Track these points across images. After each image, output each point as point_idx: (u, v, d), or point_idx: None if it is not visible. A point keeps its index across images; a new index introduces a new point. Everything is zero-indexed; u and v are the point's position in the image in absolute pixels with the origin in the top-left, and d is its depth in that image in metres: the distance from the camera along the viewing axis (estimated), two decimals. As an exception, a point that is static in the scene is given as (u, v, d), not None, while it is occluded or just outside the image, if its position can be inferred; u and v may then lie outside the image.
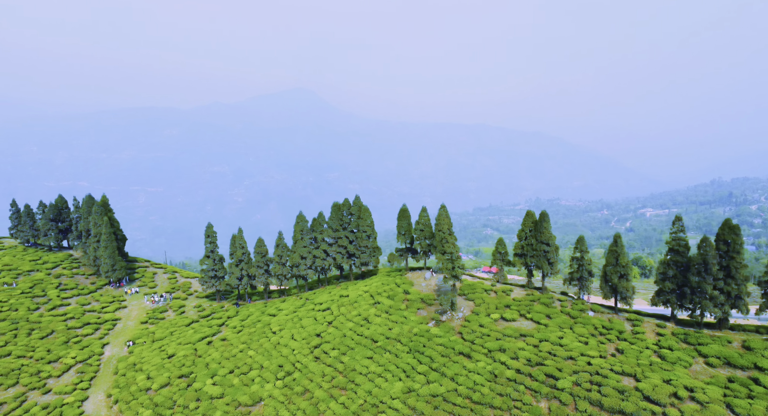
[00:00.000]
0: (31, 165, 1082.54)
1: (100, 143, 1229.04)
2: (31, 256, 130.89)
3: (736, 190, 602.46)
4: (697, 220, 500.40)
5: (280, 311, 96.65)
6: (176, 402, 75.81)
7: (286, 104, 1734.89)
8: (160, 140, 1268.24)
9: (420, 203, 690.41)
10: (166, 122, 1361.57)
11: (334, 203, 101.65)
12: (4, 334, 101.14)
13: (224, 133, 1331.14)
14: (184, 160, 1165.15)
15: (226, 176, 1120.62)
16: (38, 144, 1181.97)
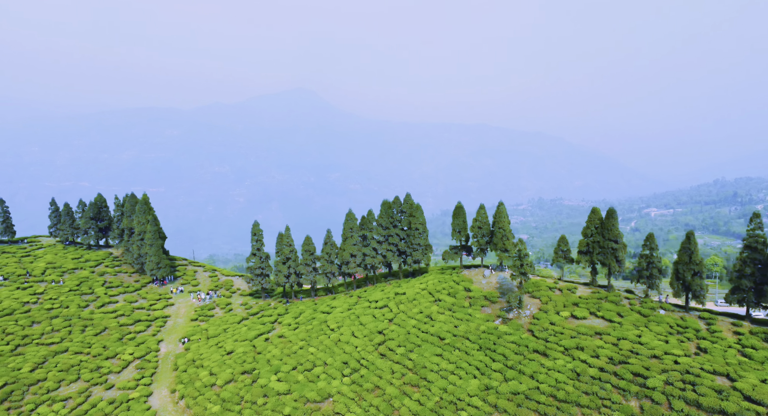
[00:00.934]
0: (32, 165, 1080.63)
1: (102, 143, 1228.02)
2: (73, 254, 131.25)
3: (740, 190, 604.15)
4: (703, 220, 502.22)
5: (333, 308, 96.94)
6: (243, 397, 76.02)
7: (287, 104, 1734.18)
8: (162, 140, 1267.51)
9: (422, 203, 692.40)
10: (168, 122, 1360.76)
11: (383, 201, 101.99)
12: (59, 331, 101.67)
13: (225, 133, 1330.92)
14: (185, 160, 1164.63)
15: (227, 176, 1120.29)
16: (39, 144, 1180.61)
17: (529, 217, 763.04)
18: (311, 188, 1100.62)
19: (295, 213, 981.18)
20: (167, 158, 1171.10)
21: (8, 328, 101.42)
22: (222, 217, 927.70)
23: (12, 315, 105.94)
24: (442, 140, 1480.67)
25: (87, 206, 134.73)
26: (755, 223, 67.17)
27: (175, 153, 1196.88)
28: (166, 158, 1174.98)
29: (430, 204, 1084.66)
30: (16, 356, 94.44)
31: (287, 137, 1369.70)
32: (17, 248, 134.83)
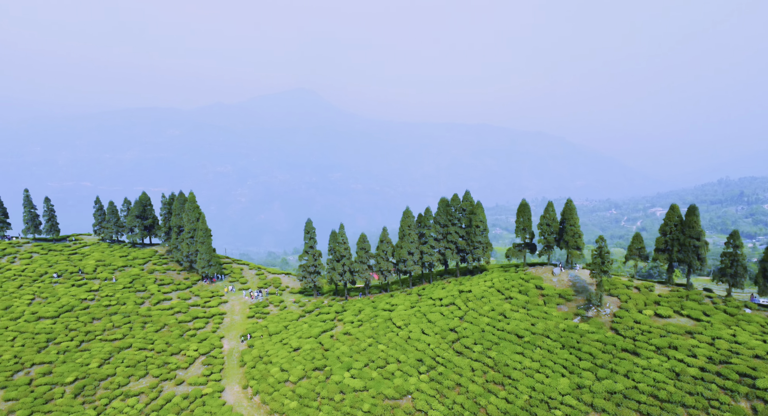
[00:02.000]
0: (34, 165, 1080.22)
1: (103, 143, 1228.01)
2: (119, 252, 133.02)
3: (746, 189, 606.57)
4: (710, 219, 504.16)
5: (394, 306, 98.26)
6: (320, 394, 77.22)
7: (288, 104, 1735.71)
8: (163, 140, 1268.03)
9: (424, 203, 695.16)
10: (169, 122, 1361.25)
11: (441, 199, 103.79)
12: (120, 327, 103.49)
13: (227, 133, 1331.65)
14: (187, 160, 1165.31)
15: (229, 176, 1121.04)
16: (41, 144, 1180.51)
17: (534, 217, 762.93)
18: (313, 188, 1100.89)
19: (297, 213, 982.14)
20: (169, 158, 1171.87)
21: (70, 324, 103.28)
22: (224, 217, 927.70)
23: (72, 311, 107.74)
24: (444, 140, 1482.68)
25: (132, 205, 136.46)
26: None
27: (176, 153, 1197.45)
28: (167, 158, 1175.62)
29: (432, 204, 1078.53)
30: (82, 351, 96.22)
31: (288, 137, 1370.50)
32: (63, 246, 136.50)
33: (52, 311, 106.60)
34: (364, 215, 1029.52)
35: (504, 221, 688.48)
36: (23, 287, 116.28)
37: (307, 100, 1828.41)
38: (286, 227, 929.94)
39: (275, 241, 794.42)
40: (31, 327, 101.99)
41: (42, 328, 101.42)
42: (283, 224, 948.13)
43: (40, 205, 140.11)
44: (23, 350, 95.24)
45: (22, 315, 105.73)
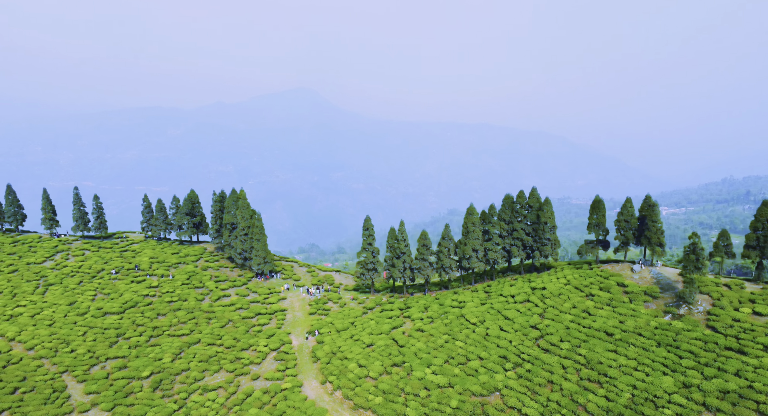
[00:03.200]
0: (36, 165, 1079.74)
1: (105, 143, 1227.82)
2: (170, 249, 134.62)
3: (752, 188, 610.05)
4: (717, 219, 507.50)
5: (461, 303, 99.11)
6: (404, 389, 77.90)
7: (289, 103, 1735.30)
8: (165, 139, 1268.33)
9: (425, 202, 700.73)
10: (170, 122, 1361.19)
11: (506, 196, 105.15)
12: (185, 323, 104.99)
13: (228, 133, 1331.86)
14: (188, 159, 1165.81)
15: (230, 175, 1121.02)
16: (43, 144, 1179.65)
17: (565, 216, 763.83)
18: (315, 188, 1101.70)
19: (299, 212, 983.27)
20: (171, 158, 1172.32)
21: (137, 320, 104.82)
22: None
23: (136, 307, 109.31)
24: (445, 139, 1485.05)
25: (182, 202, 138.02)
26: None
27: (178, 153, 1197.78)
28: (169, 157, 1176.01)
29: (434, 203, 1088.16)
30: (152, 346, 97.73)
31: (290, 137, 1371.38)
32: (111, 244, 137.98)
33: (116, 306, 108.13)
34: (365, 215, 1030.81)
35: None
36: (83, 283, 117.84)
37: (308, 99, 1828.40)
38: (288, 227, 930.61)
39: (277, 240, 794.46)
40: (99, 322, 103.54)
41: (110, 323, 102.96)
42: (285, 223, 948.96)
43: (61, 204, 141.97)
44: (96, 344, 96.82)
45: (88, 311, 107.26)
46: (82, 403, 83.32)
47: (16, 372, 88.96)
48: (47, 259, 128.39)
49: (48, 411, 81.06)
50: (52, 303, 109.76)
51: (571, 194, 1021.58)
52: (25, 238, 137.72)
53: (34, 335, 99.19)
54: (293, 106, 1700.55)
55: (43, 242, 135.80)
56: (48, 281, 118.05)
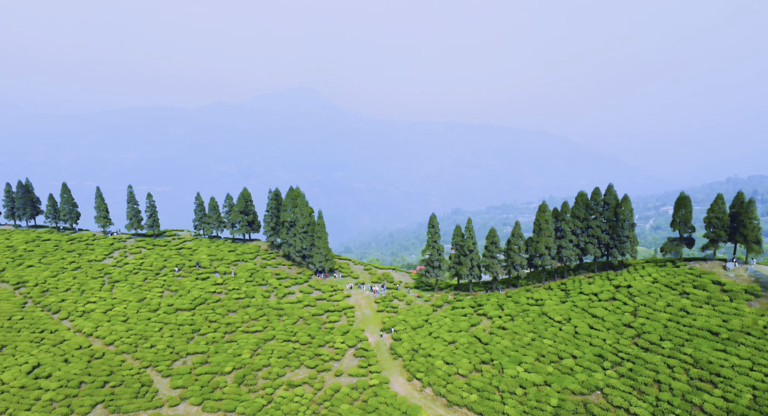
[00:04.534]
0: (38, 165, 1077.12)
1: (106, 142, 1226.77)
2: (226, 247, 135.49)
3: (759, 187, 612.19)
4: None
5: (537, 301, 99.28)
6: (498, 387, 78.34)
7: (290, 103, 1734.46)
8: (166, 139, 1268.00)
9: (427, 202, 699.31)
10: (172, 121, 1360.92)
11: (580, 193, 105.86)
12: (257, 319, 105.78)
13: (230, 132, 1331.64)
14: (190, 159, 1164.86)
15: (232, 175, 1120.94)
16: (44, 144, 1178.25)
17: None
18: (317, 187, 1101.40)
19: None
20: (172, 157, 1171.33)
21: (209, 316, 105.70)
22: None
23: (206, 304, 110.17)
24: (446, 139, 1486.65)
25: (235, 201, 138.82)
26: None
27: (180, 152, 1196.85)
28: (171, 157, 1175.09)
29: (435, 203, 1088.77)
30: (229, 343, 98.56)
31: (291, 136, 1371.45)
32: (165, 242, 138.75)
33: (187, 303, 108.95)
34: (367, 214, 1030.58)
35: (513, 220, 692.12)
36: (148, 280, 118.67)
37: (309, 99, 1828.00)
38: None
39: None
40: (173, 318, 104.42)
41: (183, 320, 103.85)
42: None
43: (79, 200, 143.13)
44: (173, 340, 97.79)
45: (159, 307, 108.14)
46: (171, 397, 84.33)
47: (102, 367, 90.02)
48: (106, 256, 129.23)
49: (140, 404, 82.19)
50: (122, 300, 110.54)
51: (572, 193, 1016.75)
52: (80, 236, 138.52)
53: (111, 331, 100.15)
54: (294, 105, 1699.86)
55: (99, 240, 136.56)
56: (113, 278, 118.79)
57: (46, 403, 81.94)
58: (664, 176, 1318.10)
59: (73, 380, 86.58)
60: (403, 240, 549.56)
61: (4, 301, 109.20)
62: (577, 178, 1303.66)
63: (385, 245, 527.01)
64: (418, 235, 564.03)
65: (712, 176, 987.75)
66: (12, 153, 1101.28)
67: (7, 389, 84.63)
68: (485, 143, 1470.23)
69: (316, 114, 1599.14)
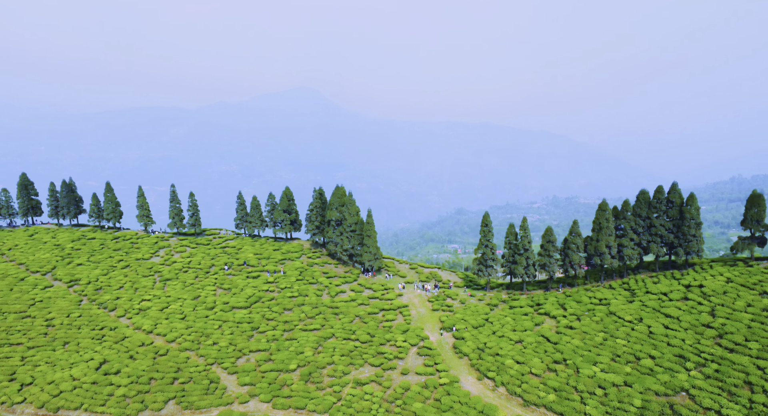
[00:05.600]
0: (39, 165, 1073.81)
1: (107, 142, 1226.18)
2: (269, 246, 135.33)
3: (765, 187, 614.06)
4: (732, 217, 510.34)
5: (602, 300, 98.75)
6: (576, 387, 77.65)
7: (290, 103, 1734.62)
8: (167, 139, 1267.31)
9: (428, 201, 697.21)
10: (173, 121, 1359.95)
11: (641, 191, 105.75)
12: (314, 318, 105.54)
13: (231, 132, 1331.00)
14: (191, 159, 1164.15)
15: (234, 175, 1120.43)
16: (46, 144, 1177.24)
17: (545, 215, 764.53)
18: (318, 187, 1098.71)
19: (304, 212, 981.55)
20: (173, 157, 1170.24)
21: (266, 314, 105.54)
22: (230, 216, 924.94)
23: (261, 302, 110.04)
24: (447, 139, 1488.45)
25: (277, 200, 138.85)
26: None
27: (181, 152, 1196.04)
28: (172, 156, 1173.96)
29: (437, 203, 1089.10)
30: (289, 340, 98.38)
31: (292, 136, 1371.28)
32: (207, 240, 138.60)
33: (242, 301, 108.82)
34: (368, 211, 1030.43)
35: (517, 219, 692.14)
36: (200, 278, 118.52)
37: (309, 99, 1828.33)
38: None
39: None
40: (230, 316, 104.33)
41: (241, 318, 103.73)
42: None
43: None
44: (235, 338, 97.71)
45: (215, 305, 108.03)
46: (240, 394, 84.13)
47: (168, 364, 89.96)
48: (153, 255, 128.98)
49: (211, 401, 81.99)
50: (176, 298, 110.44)
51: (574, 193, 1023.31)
52: (124, 234, 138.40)
53: (171, 328, 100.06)
54: (294, 105, 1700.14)
55: (143, 239, 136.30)
56: (164, 277, 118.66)
57: (120, 399, 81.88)
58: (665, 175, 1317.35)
59: (143, 376, 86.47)
60: (407, 240, 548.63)
61: (61, 299, 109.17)
62: (579, 178, 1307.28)
63: (390, 245, 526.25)
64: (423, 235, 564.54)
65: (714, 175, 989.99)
66: (14, 153, 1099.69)
67: (79, 384, 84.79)
68: (486, 143, 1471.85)
69: (316, 114, 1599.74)
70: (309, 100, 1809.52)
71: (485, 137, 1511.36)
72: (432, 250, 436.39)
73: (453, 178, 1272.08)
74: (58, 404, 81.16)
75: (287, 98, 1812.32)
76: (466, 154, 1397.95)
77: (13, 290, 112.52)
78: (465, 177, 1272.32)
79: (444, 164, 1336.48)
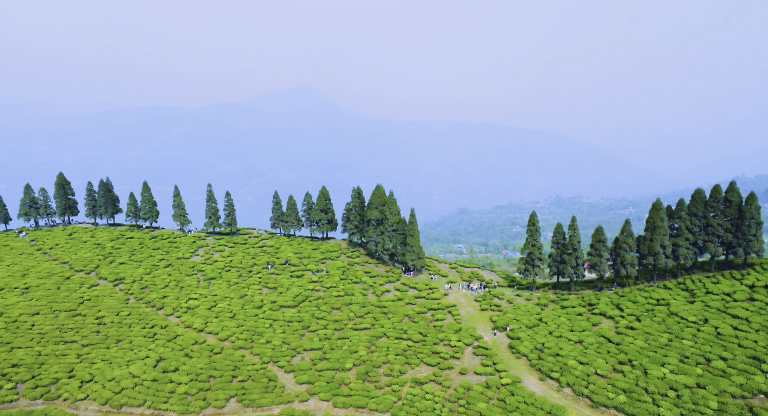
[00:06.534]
0: (41, 165, 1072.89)
1: (109, 142, 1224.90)
2: (307, 245, 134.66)
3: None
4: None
5: (659, 300, 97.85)
6: (647, 389, 76.49)
7: (291, 103, 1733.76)
8: (169, 139, 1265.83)
9: (430, 201, 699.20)
10: (174, 121, 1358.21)
11: (697, 190, 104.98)
12: (363, 317, 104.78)
13: (232, 132, 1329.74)
14: (193, 159, 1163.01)
15: (236, 175, 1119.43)
16: (48, 144, 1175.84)
17: (549, 215, 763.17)
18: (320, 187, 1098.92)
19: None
20: (175, 157, 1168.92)
21: (315, 313, 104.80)
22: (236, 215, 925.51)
23: (308, 301, 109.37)
24: (448, 139, 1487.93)
25: (314, 200, 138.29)
26: None
27: (182, 152, 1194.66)
28: (174, 156, 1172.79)
29: (438, 203, 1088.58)
30: (341, 340, 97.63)
31: (293, 136, 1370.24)
32: (243, 240, 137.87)
33: (290, 300, 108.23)
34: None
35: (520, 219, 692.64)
36: (243, 277, 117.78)
37: (310, 99, 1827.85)
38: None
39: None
40: (279, 315, 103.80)
41: (291, 316, 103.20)
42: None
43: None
44: (287, 337, 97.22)
45: (263, 304, 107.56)
46: (300, 392, 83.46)
47: (225, 362, 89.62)
48: (192, 254, 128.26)
49: (272, 399, 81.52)
50: (223, 296, 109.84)
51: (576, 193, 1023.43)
52: (161, 234, 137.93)
53: (222, 326, 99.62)
54: (295, 105, 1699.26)
55: (181, 238, 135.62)
56: (207, 276, 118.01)
57: (182, 396, 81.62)
58: (666, 175, 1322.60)
59: (202, 374, 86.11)
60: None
61: (108, 297, 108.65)
62: (580, 177, 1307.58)
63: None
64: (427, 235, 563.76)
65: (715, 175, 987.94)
66: (15, 153, 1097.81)
67: (139, 382, 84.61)
68: (487, 143, 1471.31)
69: (317, 114, 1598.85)
70: (310, 100, 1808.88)
71: (486, 137, 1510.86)
72: (438, 250, 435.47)
73: (454, 178, 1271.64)
74: (121, 401, 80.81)
75: (288, 98, 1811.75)
76: (467, 154, 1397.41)
77: (61, 288, 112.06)
78: (466, 177, 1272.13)
79: (445, 164, 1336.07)
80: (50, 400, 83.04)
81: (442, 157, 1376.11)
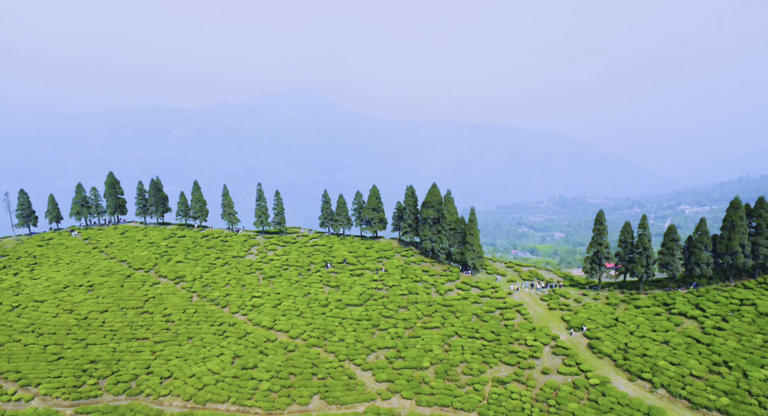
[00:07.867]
0: (42, 165, 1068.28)
1: (111, 142, 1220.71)
2: (359, 244, 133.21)
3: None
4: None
5: (742, 300, 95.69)
6: (750, 391, 74.43)
7: (292, 103, 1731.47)
8: (170, 139, 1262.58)
9: None
10: (176, 121, 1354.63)
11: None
12: (430, 316, 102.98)
13: (233, 132, 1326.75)
14: (194, 159, 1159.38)
15: (238, 174, 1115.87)
16: (49, 144, 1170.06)
17: (553, 215, 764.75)
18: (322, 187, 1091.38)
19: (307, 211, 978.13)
20: (177, 157, 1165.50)
21: (383, 312, 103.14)
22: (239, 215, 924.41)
23: (373, 300, 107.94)
24: (449, 139, 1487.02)
25: (365, 199, 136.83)
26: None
27: (184, 152, 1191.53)
28: (175, 156, 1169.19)
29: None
30: (413, 338, 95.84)
31: (294, 136, 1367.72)
32: (292, 239, 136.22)
33: (354, 299, 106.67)
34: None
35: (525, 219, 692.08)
36: (303, 275, 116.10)
37: (311, 99, 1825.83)
38: (298, 225, 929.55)
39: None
40: (347, 313, 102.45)
41: (359, 315, 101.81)
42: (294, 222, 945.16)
43: None
44: (359, 335, 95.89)
45: (328, 302, 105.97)
46: (381, 390, 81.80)
47: (302, 359, 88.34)
48: (246, 253, 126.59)
49: (356, 397, 79.94)
50: (286, 295, 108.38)
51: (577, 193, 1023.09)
52: (211, 232, 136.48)
53: (292, 324, 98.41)
54: (296, 105, 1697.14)
55: (232, 237, 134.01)
56: (266, 274, 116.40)
57: (266, 393, 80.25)
58: (667, 175, 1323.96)
59: (281, 371, 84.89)
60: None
61: (172, 295, 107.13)
62: (581, 177, 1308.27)
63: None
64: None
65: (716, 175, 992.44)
66: (17, 153, 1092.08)
67: (220, 378, 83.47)
68: (488, 143, 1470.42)
69: (318, 114, 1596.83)
70: (311, 100, 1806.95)
71: (488, 137, 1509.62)
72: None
73: (456, 178, 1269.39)
74: (205, 397, 79.35)
75: (289, 98, 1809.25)
76: (468, 154, 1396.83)
77: (124, 286, 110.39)
78: (468, 177, 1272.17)
79: (446, 164, 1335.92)
80: (133, 396, 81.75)
81: (444, 157, 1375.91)
